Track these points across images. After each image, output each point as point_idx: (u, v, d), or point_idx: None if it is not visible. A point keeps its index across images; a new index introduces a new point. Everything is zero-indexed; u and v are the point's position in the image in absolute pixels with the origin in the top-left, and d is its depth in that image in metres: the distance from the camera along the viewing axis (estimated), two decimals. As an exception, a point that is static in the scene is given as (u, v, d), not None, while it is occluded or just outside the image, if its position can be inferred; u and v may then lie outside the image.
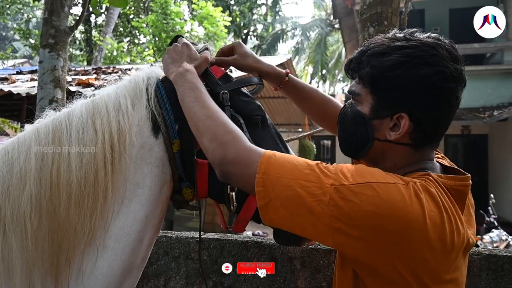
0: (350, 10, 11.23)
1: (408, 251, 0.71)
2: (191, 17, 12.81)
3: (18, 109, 6.41)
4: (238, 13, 17.97)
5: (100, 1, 10.25)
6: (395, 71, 0.80)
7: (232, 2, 18.40)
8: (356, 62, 0.88)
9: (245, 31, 19.29)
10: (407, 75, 0.79)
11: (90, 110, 0.94)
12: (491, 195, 6.44)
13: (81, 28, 13.94)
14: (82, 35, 14.88)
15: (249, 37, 20.05)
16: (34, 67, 7.91)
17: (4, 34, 31.48)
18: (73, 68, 7.72)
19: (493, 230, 5.44)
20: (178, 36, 1.11)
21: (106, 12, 13.58)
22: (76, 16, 11.47)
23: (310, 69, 21.62)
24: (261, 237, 1.61)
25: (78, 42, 15.22)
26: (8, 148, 0.90)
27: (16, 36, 21.03)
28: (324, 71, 20.69)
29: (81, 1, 12.89)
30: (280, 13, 21.85)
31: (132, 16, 14.33)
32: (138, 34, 14.34)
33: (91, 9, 3.26)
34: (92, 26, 14.87)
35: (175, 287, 1.61)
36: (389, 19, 1.95)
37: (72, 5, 3.27)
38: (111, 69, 7.06)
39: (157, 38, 11.72)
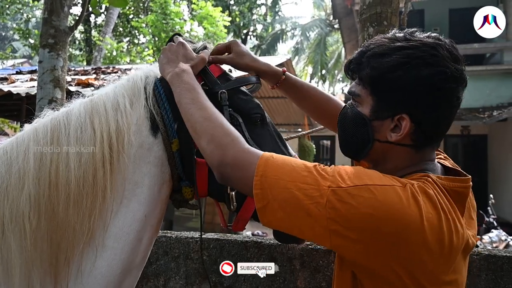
0: (350, 10, 11.23)
1: (405, 253, 0.71)
2: (191, 17, 12.82)
3: (18, 109, 6.41)
4: (238, 13, 17.97)
5: (99, 1, 10.24)
6: (395, 72, 0.79)
7: (232, 2, 18.40)
8: (356, 63, 0.87)
9: (244, 31, 19.29)
10: (407, 76, 0.78)
11: (89, 109, 0.93)
12: (491, 195, 6.44)
13: (81, 28, 13.95)
14: (82, 35, 14.88)
15: (248, 37, 20.05)
16: (34, 67, 7.91)
17: (3, 34, 31.47)
18: (73, 68, 7.72)
19: (493, 230, 5.44)
20: (175, 35, 1.11)
21: (105, 12, 13.57)
22: (76, 16, 11.48)
23: (309, 69, 21.63)
24: (261, 237, 1.61)
25: (77, 42, 15.23)
26: (6, 148, 0.90)
27: (16, 36, 21.02)
28: (323, 71, 20.69)
29: (80, 1, 12.90)
30: (279, 13, 21.85)
31: (131, 16, 14.33)
32: (137, 34, 14.34)
33: (90, 9, 3.26)
34: (91, 26, 14.87)
35: (175, 287, 1.61)
36: (388, 19, 1.95)
37: (71, 5, 3.27)
38: (111, 69, 7.06)
39: (157, 38, 11.72)
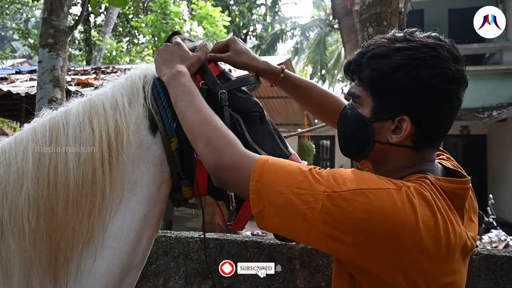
0: (350, 11, 11.24)
1: (401, 256, 0.71)
2: (190, 17, 12.81)
3: (17, 109, 6.40)
4: (238, 13, 17.97)
5: (99, 1, 10.24)
6: (395, 73, 0.79)
7: (232, 2, 18.41)
8: (355, 64, 0.87)
9: (244, 31, 19.30)
10: (407, 77, 0.78)
11: (87, 108, 0.93)
12: (490, 195, 6.44)
13: (80, 28, 13.93)
14: (81, 35, 14.87)
15: (248, 37, 20.06)
16: (33, 67, 7.90)
17: (3, 33, 31.45)
18: (72, 68, 7.72)
19: (492, 230, 5.44)
20: (175, 33, 1.10)
21: (105, 12, 13.57)
22: (76, 16, 11.47)
23: (309, 69, 21.63)
24: (261, 237, 1.61)
25: (77, 42, 15.21)
26: (5, 147, 0.90)
27: (15, 36, 21.00)
28: (323, 71, 20.69)
29: (80, 1, 12.90)
30: (279, 13, 21.85)
31: (131, 16, 14.32)
32: (137, 34, 14.33)
33: (90, 9, 3.26)
34: (91, 26, 14.86)
35: (174, 287, 1.61)
36: (388, 20, 1.95)
37: (71, 4, 3.27)
38: (110, 69, 7.05)
39: (156, 38, 11.72)
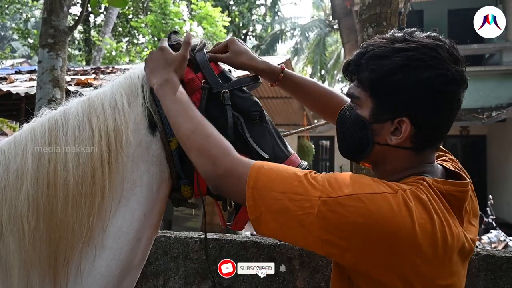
0: (349, 11, 11.25)
1: (398, 259, 0.71)
2: (190, 17, 12.81)
3: (17, 109, 6.39)
4: (237, 13, 17.96)
5: (99, 1, 10.23)
6: (395, 75, 0.78)
7: (231, 2, 18.40)
8: (354, 65, 0.86)
9: (244, 31, 19.29)
10: (407, 79, 0.77)
11: (86, 108, 0.93)
12: (490, 196, 6.46)
13: (80, 28, 13.91)
14: (81, 35, 14.86)
15: (248, 37, 20.05)
16: (33, 67, 7.90)
17: (2, 33, 31.44)
18: (72, 68, 7.71)
19: (492, 230, 5.45)
20: (173, 33, 1.10)
21: (105, 12, 13.56)
22: (75, 16, 11.47)
23: (309, 69, 21.63)
24: (260, 237, 1.61)
25: (77, 42, 15.20)
26: (4, 147, 0.90)
27: (15, 36, 20.99)
28: (323, 72, 20.68)
29: (80, 1, 12.89)
30: (279, 14, 21.84)
31: (131, 16, 14.31)
32: (137, 34, 14.32)
33: (90, 9, 3.26)
34: (91, 26, 14.85)
35: (174, 287, 1.60)
36: (388, 20, 1.95)
37: (71, 5, 3.27)
38: (110, 69, 7.05)
39: (156, 38, 11.71)
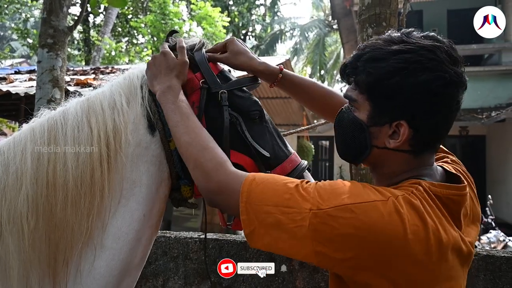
0: (349, 11, 11.26)
1: (391, 268, 0.71)
2: (190, 17, 12.81)
3: (16, 109, 6.39)
4: (237, 13, 17.97)
5: (98, 1, 10.22)
6: (392, 78, 0.76)
7: (231, 2, 18.41)
8: (351, 67, 0.84)
9: (243, 31, 19.30)
10: (405, 82, 0.76)
11: (85, 108, 0.93)
12: (489, 196, 6.47)
13: (80, 28, 13.91)
14: (81, 35, 14.85)
15: (247, 37, 20.05)
16: (32, 67, 7.90)
17: (2, 33, 31.41)
18: (72, 68, 7.71)
19: (491, 231, 5.45)
20: (173, 32, 1.09)
21: (104, 12, 13.56)
22: (75, 16, 11.47)
23: (308, 69, 21.62)
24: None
25: (76, 42, 15.20)
26: (4, 148, 0.90)
27: (14, 36, 20.97)
28: (322, 72, 20.68)
29: (79, 1, 12.88)
30: (278, 14, 21.85)
31: (130, 16, 14.31)
32: (136, 34, 14.32)
33: (89, 9, 3.26)
34: (90, 26, 14.84)
35: (174, 287, 1.60)
36: (387, 20, 1.95)
37: (70, 5, 3.27)
38: (110, 69, 7.05)
39: (156, 38, 11.71)
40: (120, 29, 14.76)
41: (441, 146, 1.03)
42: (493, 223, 5.82)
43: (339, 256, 0.72)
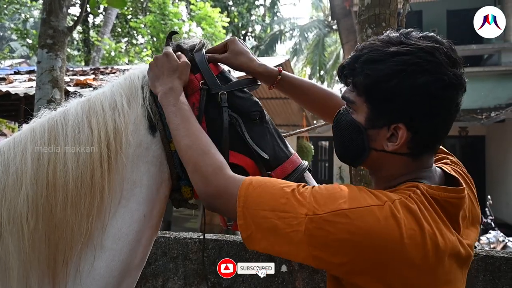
0: (348, 11, 11.26)
1: (387, 273, 0.71)
2: (189, 18, 12.81)
3: (16, 109, 6.38)
4: (236, 14, 17.98)
5: (98, 2, 10.22)
6: (390, 80, 0.75)
7: (230, 3, 18.42)
8: (349, 69, 0.83)
9: (243, 32, 19.31)
10: (403, 85, 0.75)
11: (86, 109, 0.93)
12: (488, 196, 6.46)
13: (79, 28, 13.89)
14: (80, 36, 14.85)
15: (247, 38, 20.07)
16: (32, 67, 7.89)
17: (1, 34, 31.40)
18: (71, 69, 7.71)
19: (490, 231, 5.45)
20: (173, 33, 1.09)
21: (104, 13, 13.55)
22: (74, 17, 11.45)
23: (308, 70, 21.63)
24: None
25: (76, 43, 15.20)
26: (3, 148, 0.90)
27: (14, 36, 20.96)
28: (322, 72, 20.70)
29: (79, 1, 12.87)
30: (278, 14, 21.87)
31: (130, 16, 14.31)
32: (136, 35, 14.32)
33: (89, 10, 3.26)
34: (90, 27, 14.83)
35: (173, 287, 1.60)
36: (387, 21, 1.95)
37: (70, 5, 3.27)
38: (109, 69, 7.05)
39: (155, 39, 11.71)
40: (119, 29, 14.77)
41: (441, 147, 1.02)
42: (492, 223, 5.82)
43: (336, 261, 0.72)
